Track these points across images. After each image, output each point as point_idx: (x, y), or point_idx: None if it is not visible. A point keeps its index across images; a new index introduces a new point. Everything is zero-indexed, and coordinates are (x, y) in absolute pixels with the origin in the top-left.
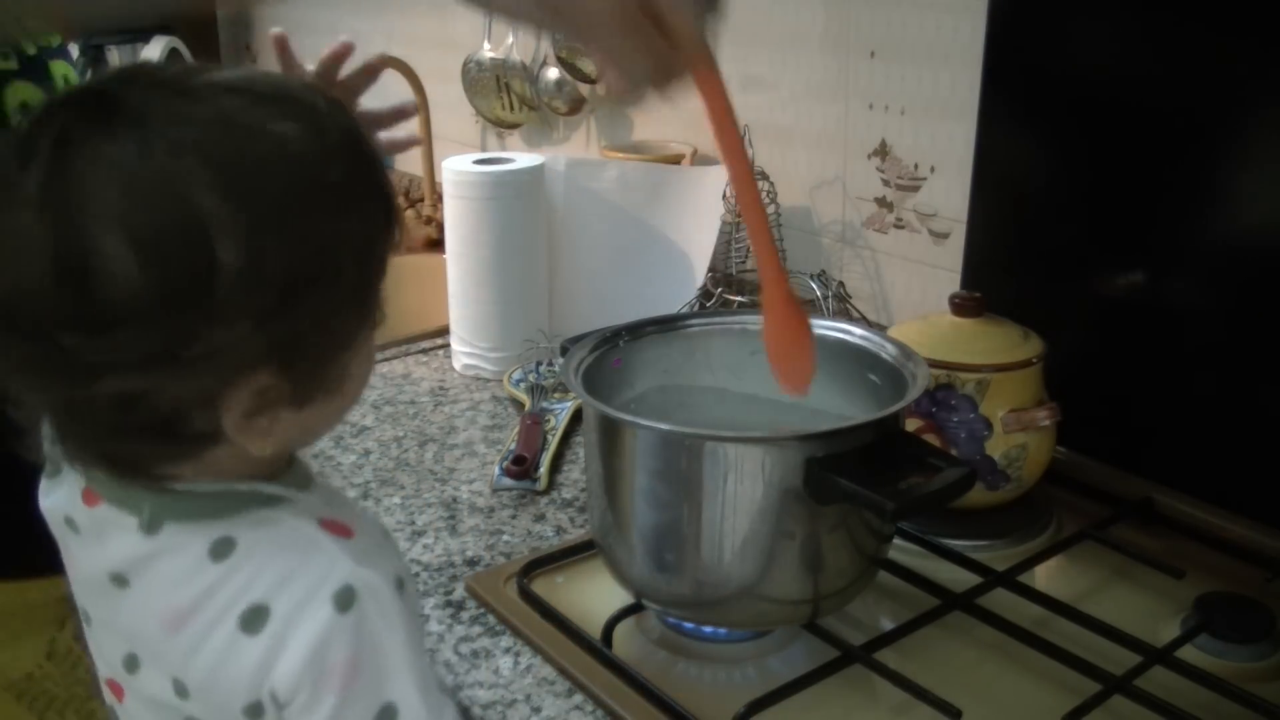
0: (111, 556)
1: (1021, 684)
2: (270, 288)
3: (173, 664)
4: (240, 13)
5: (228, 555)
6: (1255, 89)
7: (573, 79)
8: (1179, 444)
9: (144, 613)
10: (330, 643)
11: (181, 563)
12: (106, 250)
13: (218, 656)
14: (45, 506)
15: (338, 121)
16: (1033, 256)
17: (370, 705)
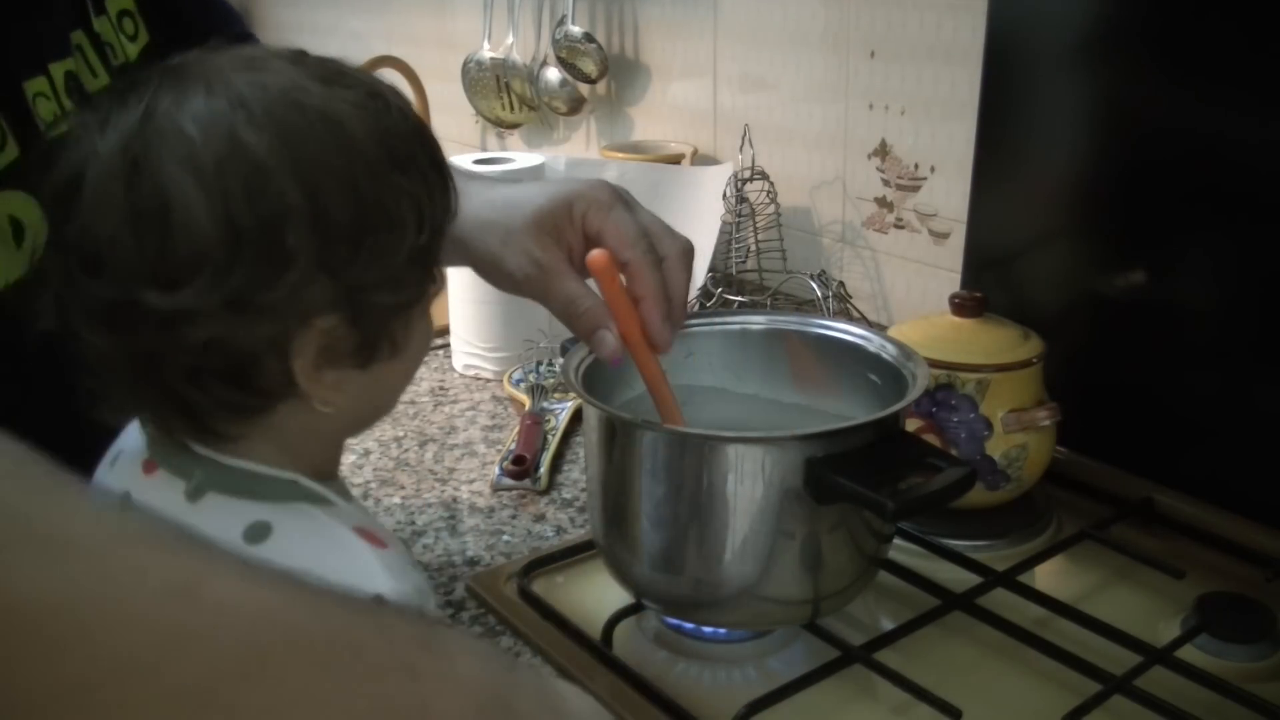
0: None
1: (1021, 684)
2: (335, 235)
3: None
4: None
5: (263, 540)
6: (1255, 86)
7: (573, 79)
8: (1179, 444)
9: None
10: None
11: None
12: (180, 200)
13: None
14: (104, 483)
15: (397, 99)
16: (1033, 256)
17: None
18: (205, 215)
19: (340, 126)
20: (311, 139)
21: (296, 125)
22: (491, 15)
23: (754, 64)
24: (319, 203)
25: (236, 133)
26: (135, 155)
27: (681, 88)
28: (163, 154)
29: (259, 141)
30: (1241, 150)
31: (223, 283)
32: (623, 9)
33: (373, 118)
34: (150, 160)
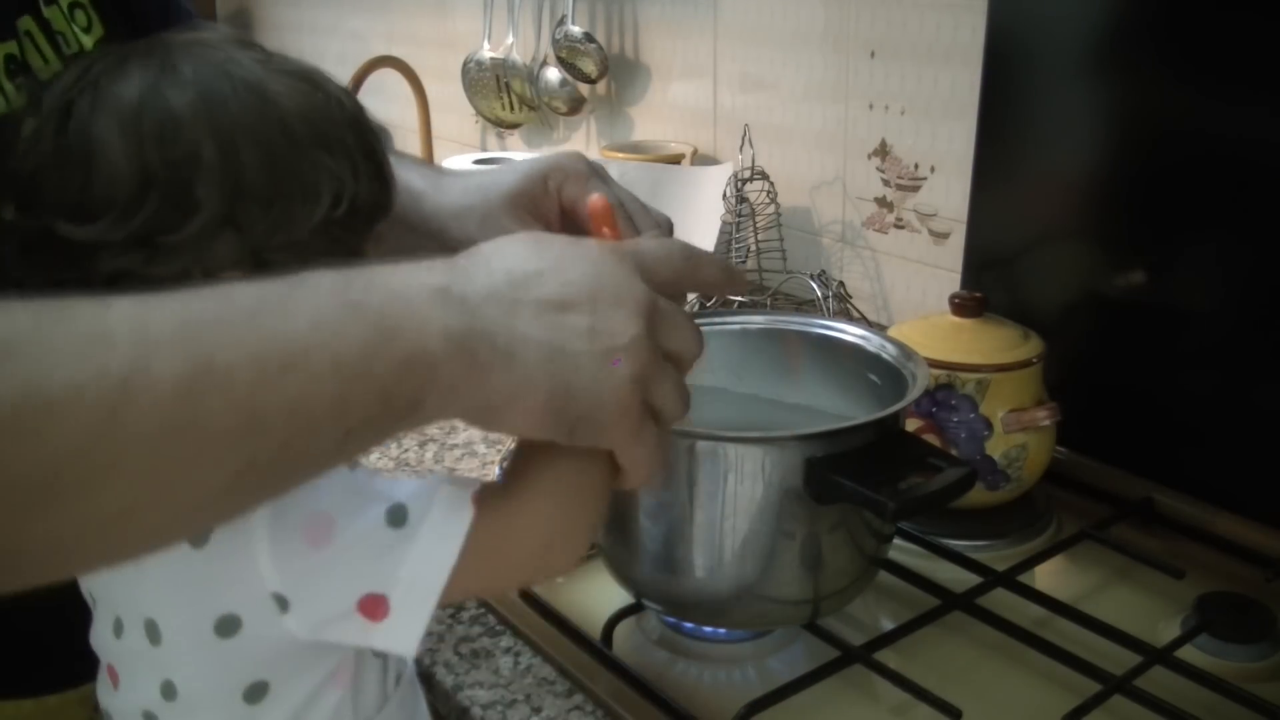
0: None
1: (1021, 684)
2: (245, 193)
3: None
4: (240, 11)
5: None
6: (1255, 86)
7: (573, 79)
8: (1179, 444)
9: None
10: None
11: None
12: (102, 143)
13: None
14: None
15: (339, 89)
16: (1033, 256)
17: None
18: (122, 157)
19: (265, 97)
20: (233, 102)
21: (220, 90)
22: (491, 15)
23: (754, 64)
24: (232, 161)
25: (161, 89)
26: (69, 104)
27: (681, 88)
28: (95, 106)
29: (179, 97)
30: (1242, 150)
31: (131, 219)
32: (623, 9)
33: (303, 97)
34: (82, 110)
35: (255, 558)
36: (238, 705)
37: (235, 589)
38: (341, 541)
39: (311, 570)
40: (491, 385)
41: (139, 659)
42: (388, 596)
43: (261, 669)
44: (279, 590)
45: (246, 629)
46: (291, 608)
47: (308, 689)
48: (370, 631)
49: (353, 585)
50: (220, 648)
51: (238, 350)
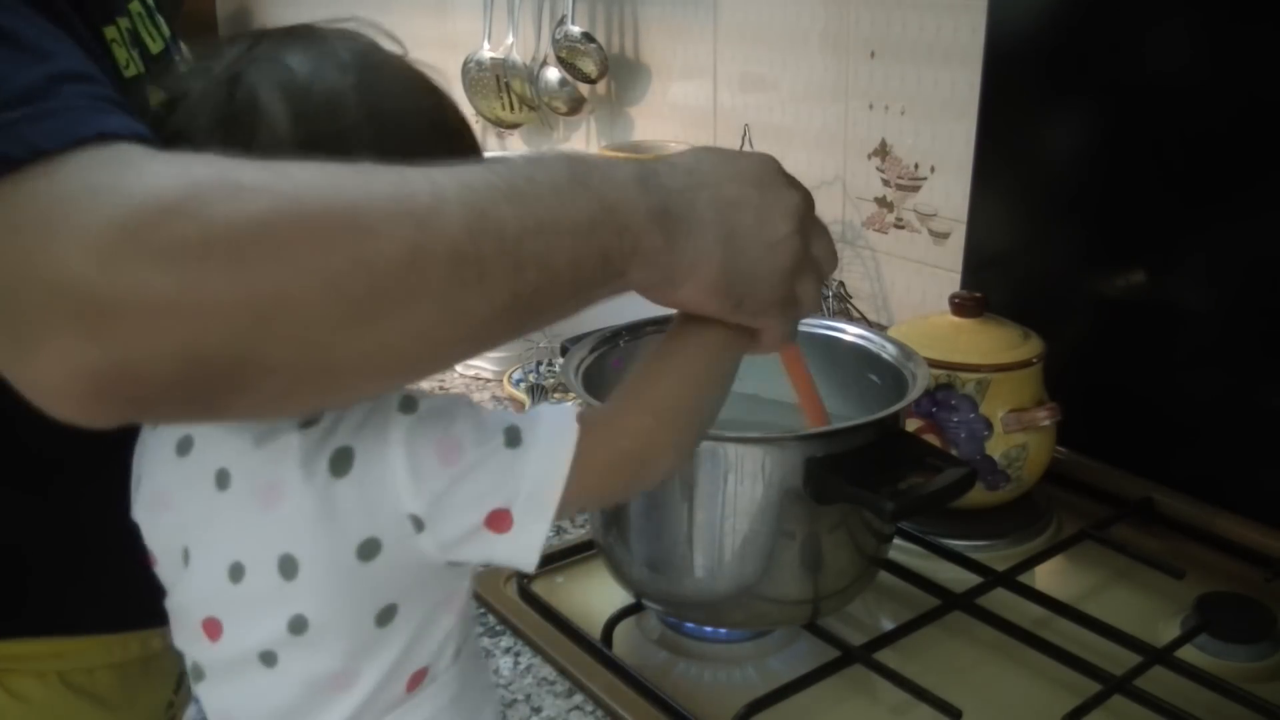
0: (217, 454)
1: (1021, 684)
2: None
3: (278, 541)
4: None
5: (316, 422)
6: (1255, 86)
7: (573, 79)
8: (1179, 444)
9: (243, 501)
10: (414, 438)
11: (278, 437)
12: (269, 110)
13: (317, 511)
14: (150, 442)
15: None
16: (1033, 256)
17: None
18: (287, 124)
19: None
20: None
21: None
22: (491, 15)
23: (754, 64)
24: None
25: (325, 69)
26: (238, 75)
27: (681, 88)
28: (261, 78)
29: (342, 78)
30: (1242, 150)
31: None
32: (623, 9)
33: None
34: (249, 80)
35: (394, 481)
36: (368, 629)
37: (376, 513)
38: (469, 461)
39: (444, 489)
40: (677, 257)
41: (263, 599)
42: (510, 510)
43: (394, 591)
44: (415, 511)
45: (385, 551)
46: (427, 527)
47: (427, 611)
48: (495, 544)
49: (481, 502)
50: (360, 572)
51: (505, 208)
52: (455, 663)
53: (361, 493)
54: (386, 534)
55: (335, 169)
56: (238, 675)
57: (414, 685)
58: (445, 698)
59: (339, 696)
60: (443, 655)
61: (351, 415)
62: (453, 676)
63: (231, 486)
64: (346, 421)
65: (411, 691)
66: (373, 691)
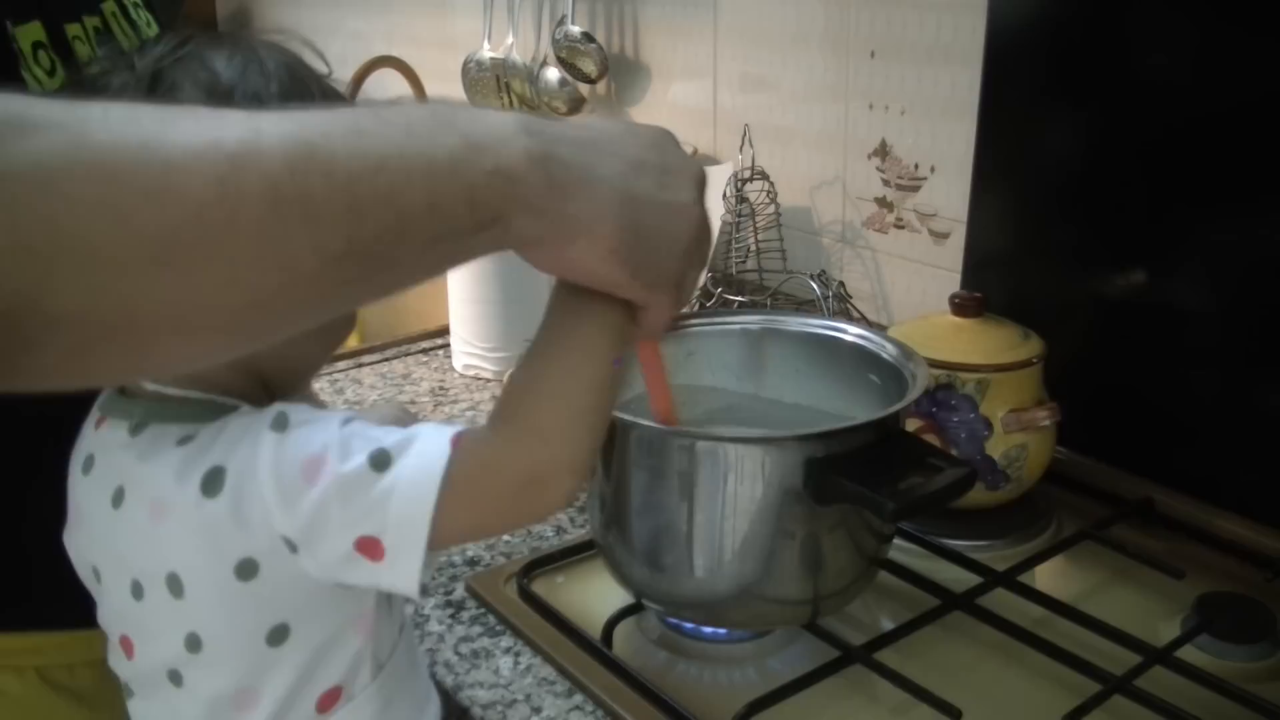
0: (112, 472)
1: (1021, 684)
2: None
3: (164, 559)
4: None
5: (192, 438)
6: (1256, 86)
7: (573, 79)
8: (1179, 444)
9: (137, 518)
10: (281, 455)
11: (157, 454)
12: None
13: (194, 529)
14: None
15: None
16: (1033, 256)
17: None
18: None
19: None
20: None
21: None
22: (491, 15)
23: (754, 64)
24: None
25: (249, 75)
26: (160, 71)
27: (681, 88)
28: (184, 77)
29: (265, 86)
30: (1241, 150)
31: None
32: (623, 9)
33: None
34: (170, 78)
35: (265, 499)
36: (261, 649)
37: (250, 532)
38: (334, 480)
39: (311, 509)
40: (569, 209)
41: (161, 617)
42: (380, 538)
43: (281, 611)
44: (286, 533)
45: (264, 571)
46: (300, 548)
47: (327, 633)
48: (375, 572)
49: (348, 527)
50: (241, 591)
51: (339, 144)
52: (375, 680)
53: (234, 512)
54: (262, 554)
55: (141, 107)
56: (154, 693)
57: (328, 706)
58: (365, 715)
59: (244, 715)
60: (357, 675)
61: (228, 431)
62: (372, 694)
63: (125, 503)
64: (223, 438)
65: (325, 712)
66: (277, 711)
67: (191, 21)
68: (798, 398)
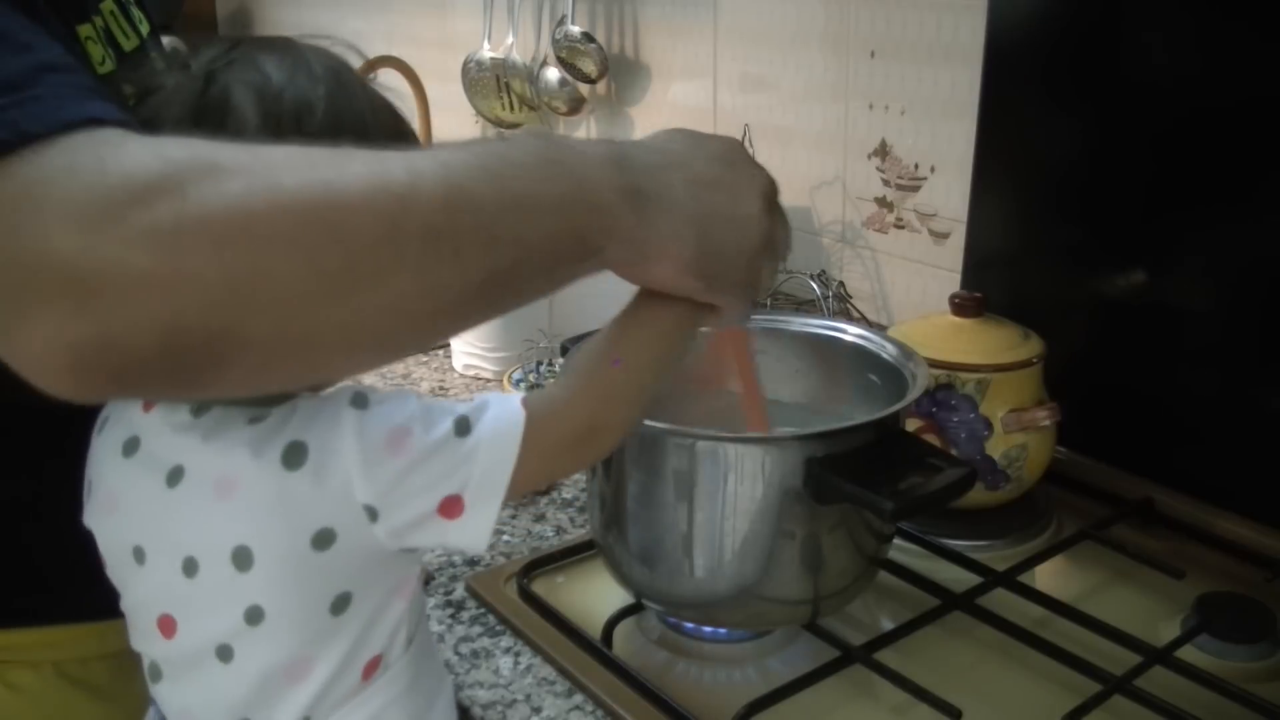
0: (167, 453)
1: (1021, 684)
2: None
3: (232, 534)
4: (240, 11)
5: (264, 419)
6: (1256, 86)
7: (573, 79)
8: (1179, 444)
9: (197, 496)
10: (365, 430)
11: (225, 433)
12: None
13: (271, 502)
14: (98, 447)
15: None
16: (1033, 256)
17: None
18: (255, 124)
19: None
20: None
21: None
22: (491, 15)
23: (754, 64)
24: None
25: (298, 78)
26: (214, 73)
27: (681, 88)
28: (236, 78)
29: (314, 89)
30: (1242, 150)
31: None
32: (623, 9)
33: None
34: (224, 79)
35: (347, 472)
36: (323, 618)
37: (330, 504)
38: (419, 450)
39: (396, 479)
40: (649, 234)
41: (217, 592)
42: (462, 495)
43: (348, 580)
44: (369, 501)
45: (340, 541)
46: (380, 516)
47: (380, 599)
48: (447, 530)
49: (433, 489)
50: (314, 561)
51: (482, 187)
52: (407, 651)
53: (315, 485)
54: (341, 524)
55: (310, 150)
56: (194, 671)
57: (369, 674)
58: (399, 686)
59: (295, 688)
60: (395, 643)
61: (302, 410)
62: (405, 665)
63: (184, 482)
64: (298, 416)
65: (367, 680)
66: (328, 681)
67: (191, 21)
68: (798, 398)
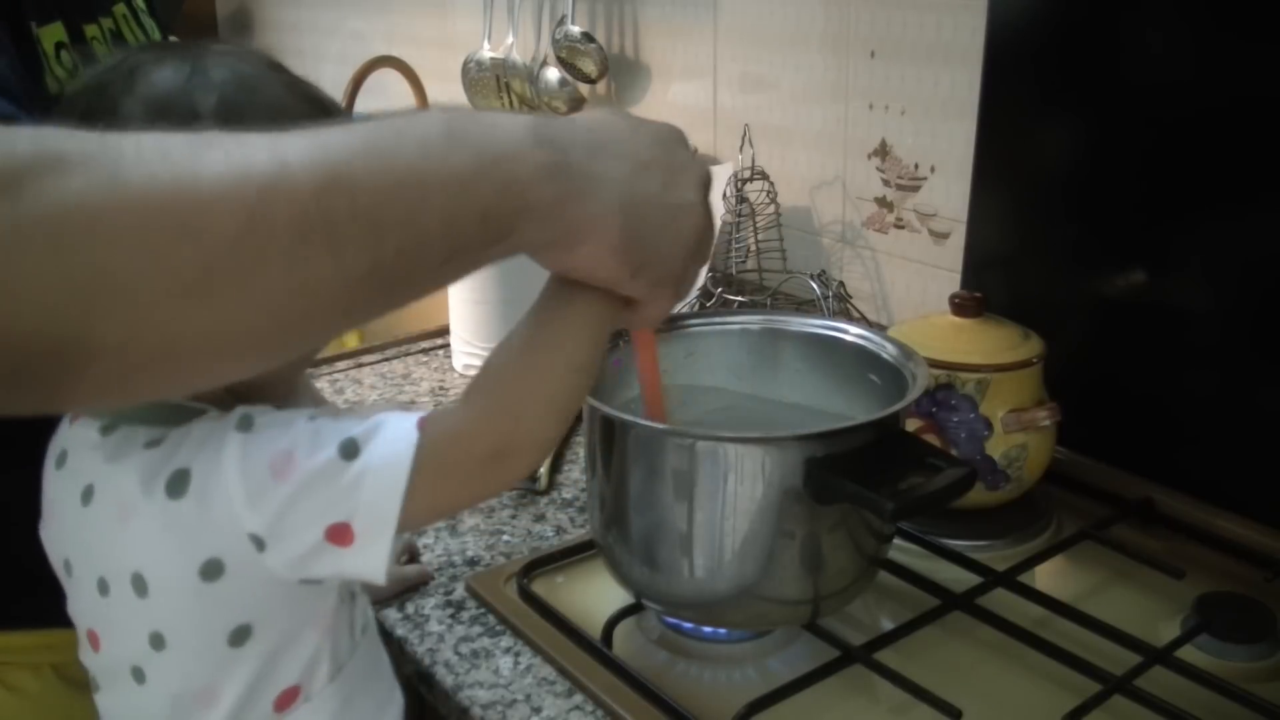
0: (83, 469)
1: (1021, 684)
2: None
3: (130, 559)
4: (240, 11)
5: (159, 444)
6: (1255, 87)
7: (573, 79)
8: (1179, 444)
9: (104, 517)
10: (248, 454)
11: (124, 456)
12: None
13: (158, 531)
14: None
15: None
16: (1033, 256)
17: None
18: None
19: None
20: (248, 116)
21: (240, 101)
22: (491, 15)
23: (754, 64)
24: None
25: (190, 89)
26: (104, 85)
27: (681, 88)
28: (125, 90)
29: (205, 100)
30: (1241, 150)
31: None
32: (623, 9)
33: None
34: (114, 92)
35: (231, 499)
36: (222, 649)
37: (216, 533)
38: (303, 474)
39: (281, 506)
40: (574, 215)
41: (126, 614)
42: (350, 523)
43: (244, 611)
44: (254, 530)
45: (229, 571)
46: (268, 545)
47: (287, 631)
48: (342, 559)
49: (319, 516)
50: (205, 592)
51: (360, 168)
52: (334, 680)
53: (200, 513)
54: (228, 554)
55: (168, 138)
56: (119, 688)
57: (285, 705)
58: (324, 715)
59: (204, 713)
60: (315, 674)
61: (194, 435)
62: (330, 694)
63: (94, 502)
64: (189, 440)
65: (282, 711)
66: (235, 709)
67: (191, 21)
68: (797, 398)
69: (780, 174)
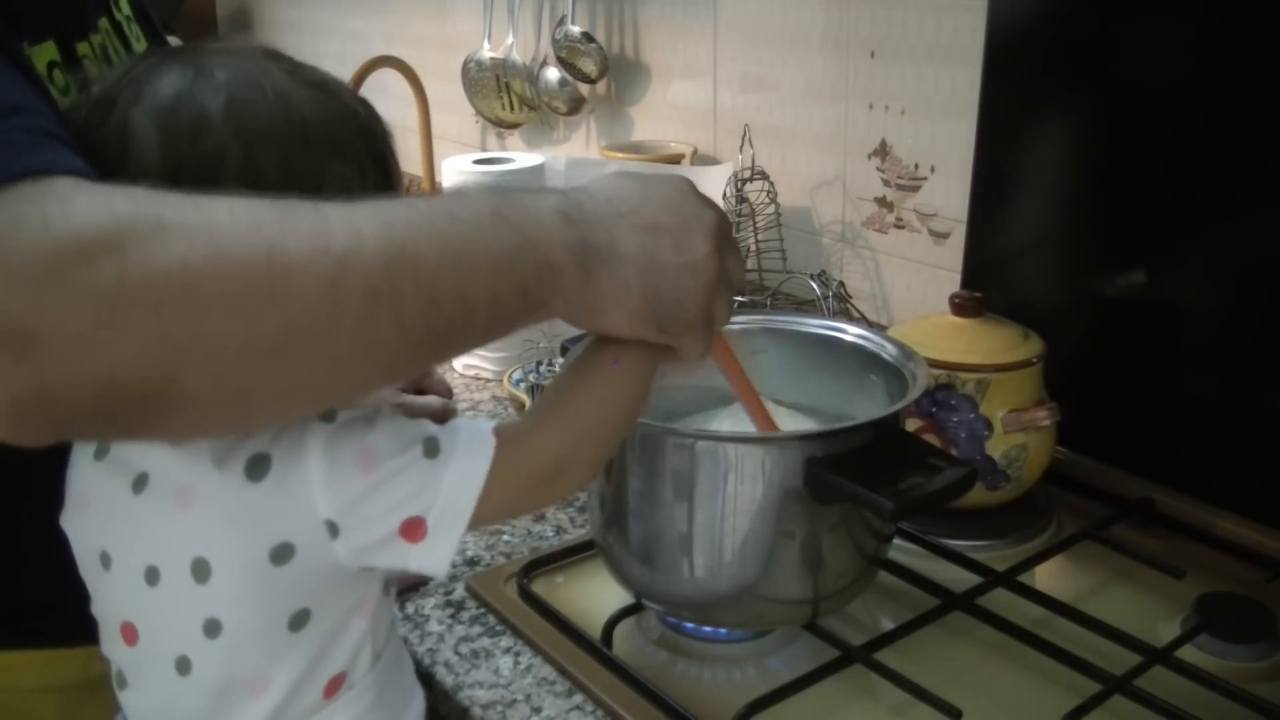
0: (135, 458)
1: (1021, 684)
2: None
3: (191, 545)
4: (240, 11)
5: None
6: (1255, 86)
7: (573, 79)
8: (1179, 444)
9: (160, 504)
10: (333, 445)
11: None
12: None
13: (230, 514)
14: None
15: (355, 99)
16: (1033, 256)
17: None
18: (155, 148)
19: (288, 105)
20: (260, 107)
21: (249, 95)
22: (491, 15)
23: (754, 64)
24: (252, 161)
25: (196, 91)
26: (114, 98)
27: (681, 88)
28: (134, 100)
29: (213, 100)
30: (1242, 150)
31: None
32: (623, 9)
33: (321, 106)
34: (123, 103)
35: (310, 487)
36: (281, 634)
37: (290, 518)
38: (387, 469)
39: (360, 496)
40: (598, 289)
41: (177, 603)
42: (425, 517)
43: (307, 596)
44: (330, 516)
45: (299, 556)
46: (341, 533)
47: (339, 617)
48: (408, 553)
49: (396, 509)
50: (272, 576)
51: (424, 244)
52: (373, 668)
53: (277, 498)
54: (300, 539)
55: (255, 205)
56: (154, 680)
57: (331, 692)
58: (363, 704)
59: (254, 702)
60: (359, 661)
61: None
62: (370, 683)
63: (148, 489)
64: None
65: (329, 698)
66: (285, 697)
67: (191, 21)
68: (798, 398)
69: (780, 174)
